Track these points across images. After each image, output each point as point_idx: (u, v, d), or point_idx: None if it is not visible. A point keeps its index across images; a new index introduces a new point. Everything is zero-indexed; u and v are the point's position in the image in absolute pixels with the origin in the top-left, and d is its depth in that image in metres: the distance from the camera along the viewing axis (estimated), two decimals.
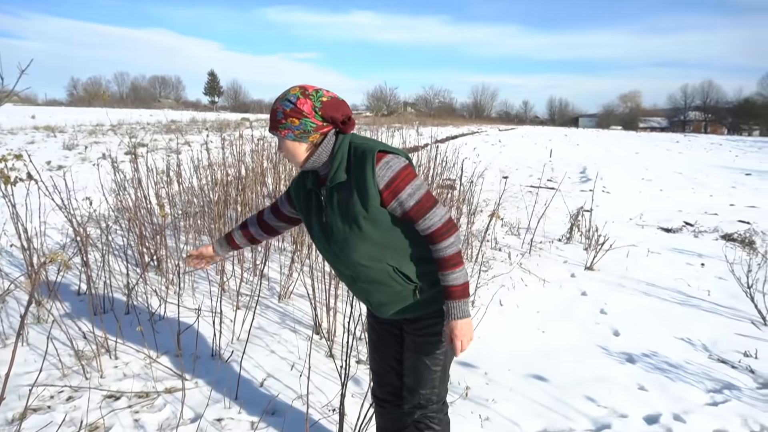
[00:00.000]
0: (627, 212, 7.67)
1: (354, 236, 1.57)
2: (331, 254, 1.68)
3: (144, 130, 19.04)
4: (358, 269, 1.63)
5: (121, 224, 4.46)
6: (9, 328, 3.15)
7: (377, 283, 1.65)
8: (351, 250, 1.60)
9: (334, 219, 1.60)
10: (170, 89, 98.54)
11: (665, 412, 2.64)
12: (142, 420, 2.40)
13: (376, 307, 1.73)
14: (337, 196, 1.57)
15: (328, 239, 1.64)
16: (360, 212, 1.54)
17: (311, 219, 1.68)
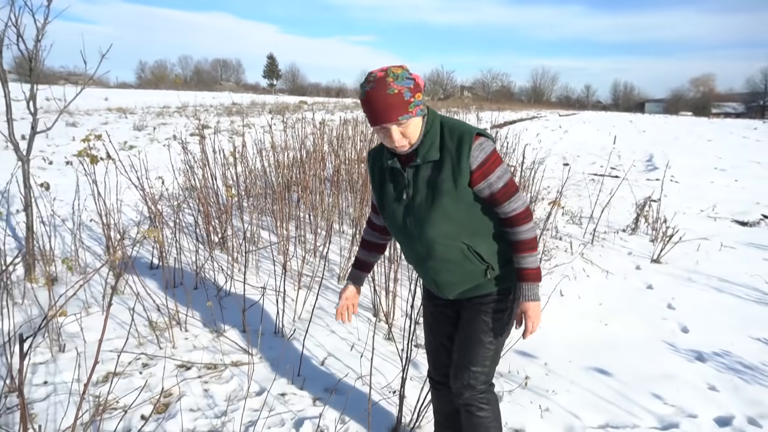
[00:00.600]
0: (698, 203, 7.28)
1: (436, 214, 1.59)
2: (407, 232, 1.67)
3: (207, 112, 19.70)
4: (434, 247, 1.64)
5: (189, 203, 4.67)
6: (91, 297, 3.37)
7: (449, 262, 1.66)
8: (430, 227, 1.61)
9: (417, 196, 1.61)
10: (231, 72, 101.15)
11: (738, 414, 2.53)
12: (211, 390, 2.52)
13: (443, 286, 1.74)
14: (425, 174, 1.59)
15: (406, 216, 1.65)
16: (448, 190, 1.56)
17: (388, 196, 1.68)
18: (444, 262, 1.67)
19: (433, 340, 1.95)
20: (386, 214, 1.72)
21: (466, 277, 1.70)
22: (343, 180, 5.22)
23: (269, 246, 4.15)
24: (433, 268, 1.70)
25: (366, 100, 1.49)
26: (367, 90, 1.48)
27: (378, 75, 1.48)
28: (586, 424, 2.43)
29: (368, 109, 1.50)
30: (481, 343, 1.75)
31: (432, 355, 1.97)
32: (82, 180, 4.88)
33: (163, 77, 69.79)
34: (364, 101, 1.50)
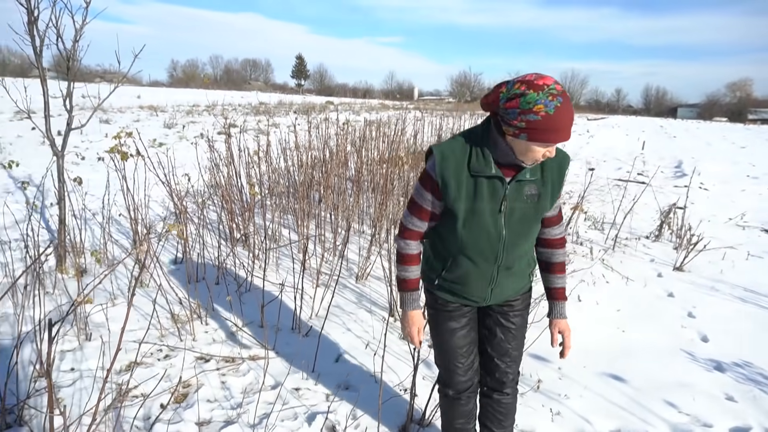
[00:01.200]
0: (727, 211, 7.12)
1: (533, 230, 1.69)
2: (493, 243, 1.64)
3: (236, 111, 20.02)
4: (517, 260, 1.72)
5: (214, 200, 4.78)
6: (117, 289, 3.49)
7: (518, 272, 1.78)
8: (525, 241, 1.70)
9: (516, 211, 1.61)
10: (260, 72, 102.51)
11: (756, 426, 2.49)
12: (228, 382, 2.60)
13: (495, 296, 1.79)
14: (527, 190, 1.61)
15: (500, 229, 1.62)
16: (545, 208, 1.65)
17: (481, 205, 1.58)
18: (514, 273, 1.76)
19: (467, 345, 1.87)
20: (468, 222, 1.61)
21: (519, 284, 1.83)
22: (365, 180, 5.28)
23: (290, 244, 4.23)
24: (503, 278, 1.74)
25: (556, 116, 1.38)
26: (558, 106, 1.38)
27: (558, 88, 1.40)
28: (597, 429, 2.43)
29: (552, 125, 1.39)
30: (520, 346, 1.94)
31: (463, 363, 1.88)
32: (112, 176, 5.04)
33: (193, 76, 71.12)
34: (551, 117, 1.38)
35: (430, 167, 1.61)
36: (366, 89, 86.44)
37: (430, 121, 8.07)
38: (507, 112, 1.44)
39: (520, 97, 1.40)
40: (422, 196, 1.65)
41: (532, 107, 1.38)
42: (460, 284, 1.76)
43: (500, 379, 1.93)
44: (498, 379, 1.93)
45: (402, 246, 1.75)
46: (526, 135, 1.43)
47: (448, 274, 1.75)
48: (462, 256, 1.68)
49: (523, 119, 1.40)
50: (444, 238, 1.71)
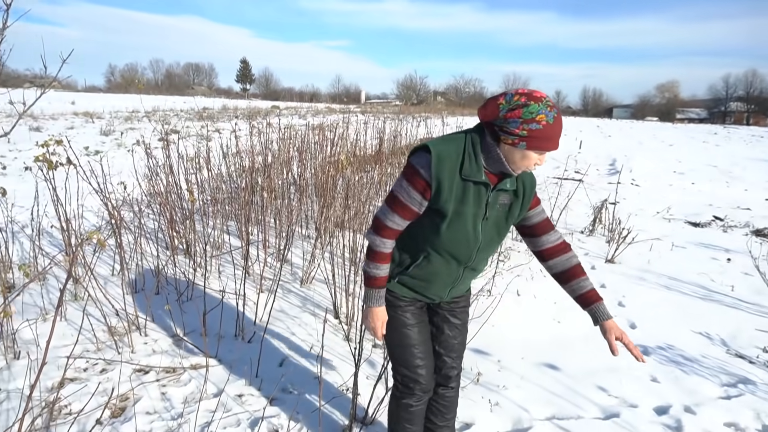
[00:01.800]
0: (655, 205, 7.56)
1: (503, 235, 1.79)
2: (470, 245, 1.70)
3: (177, 117, 19.47)
4: (483, 262, 1.83)
5: (153, 208, 4.66)
6: (49, 303, 3.35)
7: (479, 272, 1.88)
8: (495, 245, 1.80)
9: (492, 216, 1.71)
10: (203, 76, 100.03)
11: (676, 403, 2.67)
12: (168, 393, 2.55)
13: (453, 292, 1.88)
14: (502, 199, 1.70)
15: (478, 233, 1.69)
16: (515, 218, 1.76)
17: (466, 210, 1.64)
18: (476, 273, 1.87)
19: (425, 341, 1.90)
20: (452, 224, 1.65)
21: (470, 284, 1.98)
22: (309, 184, 5.27)
23: (231, 251, 4.18)
24: (466, 277, 1.84)
25: (555, 125, 1.51)
26: (556, 116, 1.51)
27: (551, 102, 1.53)
28: (534, 416, 2.54)
29: (551, 134, 1.52)
30: (467, 333, 2.05)
31: (426, 359, 1.89)
32: (42, 185, 4.82)
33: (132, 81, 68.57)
34: (551, 126, 1.51)
35: (422, 166, 1.60)
36: (313, 93, 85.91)
37: (374, 124, 8.16)
38: (508, 122, 1.52)
39: (523, 108, 1.50)
40: (410, 195, 1.64)
41: (534, 116, 1.49)
42: (424, 281, 1.80)
43: (447, 374, 2.00)
44: (445, 374, 2.00)
45: (378, 243, 1.72)
46: (525, 144, 1.52)
47: (416, 271, 1.77)
48: (437, 255, 1.72)
49: (525, 128, 1.50)
50: (420, 235, 1.72)
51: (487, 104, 1.58)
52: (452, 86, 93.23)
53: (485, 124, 1.62)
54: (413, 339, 1.87)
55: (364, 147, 6.42)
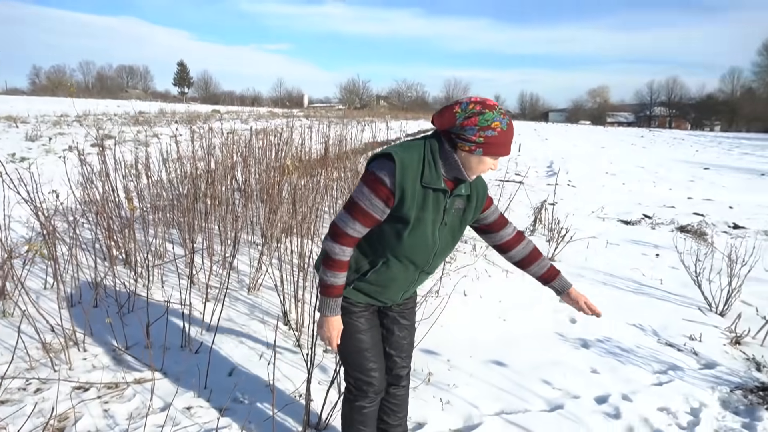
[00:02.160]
0: (590, 205, 7.94)
1: (456, 239, 1.85)
2: (428, 250, 1.76)
3: (111, 122, 18.62)
4: (439, 264, 1.90)
5: (88, 218, 4.45)
6: None
7: (431, 275, 1.93)
8: (450, 249, 1.87)
9: (449, 221, 1.77)
10: (138, 79, 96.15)
11: (614, 392, 2.83)
12: (111, 410, 2.45)
13: (406, 294, 1.93)
14: (457, 204, 1.77)
15: (435, 238, 1.75)
16: (468, 221, 1.84)
17: (426, 216, 1.68)
18: (429, 276, 1.92)
19: (377, 344, 1.94)
20: (413, 230, 1.69)
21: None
22: (254, 190, 5.19)
23: (175, 259, 4.05)
24: (420, 280, 1.90)
25: (508, 131, 1.61)
26: (509, 123, 1.61)
27: (502, 109, 1.62)
28: (483, 412, 2.61)
29: (505, 140, 1.61)
30: (414, 332, 2.12)
31: (378, 363, 1.93)
32: None
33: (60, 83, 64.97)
34: (506, 132, 1.60)
35: (385, 174, 1.61)
36: (254, 97, 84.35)
37: (318, 128, 8.13)
38: (465, 130, 1.59)
39: (479, 116, 1.58)
40: (372, 203, 1.64)
41: (490, 124, 1.57)
42: (381, 287, 1.82)
43: (398, 374, 2.05)
44: (396, 374, 2.05)
45: (337, 251, 1.70)
46: (482, 150, 1.60)
47: (374, 277, 1.79)
48: (396, 261, 1.75)
49: (482, 135, 1.58)
50: (380, 242, 1.73)
51: (443, 113, 1.64)
52: (395, 90, 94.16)
53: (442, 132, 1.67)
54: (366, 343, 1.89)
55: (309, 152, 6.39)
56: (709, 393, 2.86)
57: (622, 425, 2.56)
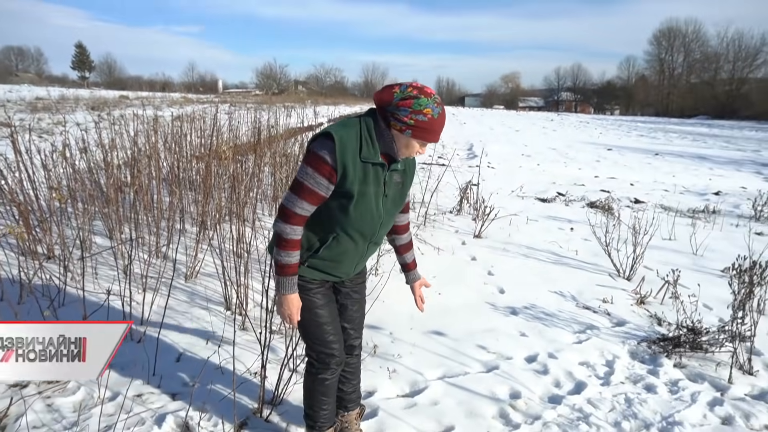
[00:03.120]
0: (509, 185, 8.41)
1: (398, 210, 1.98)
2: (374, 223, 1.85)
3: (4, 108, 17.06)
4: (382, 237, 2.01)
5: (1, 211, 4.17)
6: None
7: (379, 245, 2.06)
8: (393, 219, 1.98)
9: (391, 194, 1.88)
10: (30, 62, 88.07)
11: (542, 352, 3.12)
12: (56, 404, 2.39)
13: (358, 268, 2.04)
14: (396, 177, 1.88)
15: (380, 210, 1.84)
16: (406, 194, 1.99)
17: (368, 190, 1.78)
18: (377, 247, 2.02)
19: (335, 319, 2.02)
20: (358, 204, 1.77)
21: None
22: (183, 178, 5.06)
23: (105, 251, 3.91)
24: (370, 252, 2.00)
25: (438, 120, 1.72)
26: (441, 112, 1.72)
27: (439, 99, 1.74)
28: (428, 378, 2.81)
29: (434, 127, 1.72)
30: (365, 304, 2.24)
31: (337, 335, 2.02)
32: None
33: None
34: (435, 120, 1.71)
35: (326, 152, 1.69)
36: (164, 82, 79.97)
37: (240, 114, 7.98)
38: (399, 110, 1.69)
39: (414, 99, 1.68)
40: (316, 181, 1.70)
41: (422, 109, 1.68)
42: (334, 262, 1.90)
43: (351, 344, 2.18)
44: (350, 344, 2.17)
45: (288, 231, 1.76)
46: (411, 132, 1.71)
47: (326, 252, 1.86)
48: (345, 235, 1.84)
49: (413, 118, 1.68)
50: (328, 218, 1.81)
51: (384, 90, 1.76)
52: (313, 75, 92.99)
53: (379, 109, 1.78)
54: (325, 318, 1.98)
55: (236, 137, 6.29)
56: (621, 347, 3.23)
57: (550, 380, 2.85)
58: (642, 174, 10.83)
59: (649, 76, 77.43)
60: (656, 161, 13.50)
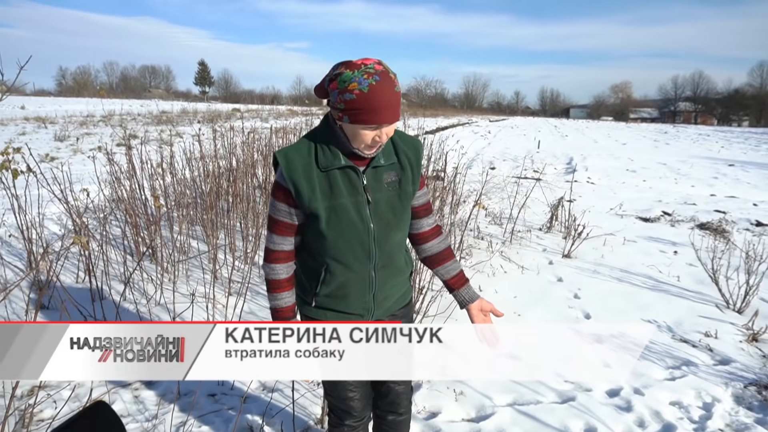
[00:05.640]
0: (608, 202, 7.90)
1: (401, 218, 1.57)
2: (366, 240, 1.52)
3: (135, 121, 19.05)
4: (392, 254, 1.60)
5: (116, 215, 4.63)
6: (12, 313, 3.31)
7: (397, 269, 1.64)
8: (397, 231, 1.57)
9: (381, 200, 1.52)
10: (160, 79, 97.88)
11: (626, 386, 2.88)
12: (141, 396, 2.59)
13: (381, 302, 1.64)
14: (385, 176, 1.52)
15: (366, 221, 1.51)
16: (410, 195, 1.56)
17: (342, 201, 1.48)
18: (393, 271, 1.63)
19: None
20: (332, 221, 1.49)
21: (402, 285, 1.69)
22: None
23: (199, 255, 4.20)
24: (382, 280, 1.61)
25: (371, 94, 1.31)
26: (373, 84, 1.31)
27: (378, 68, 1.34)
28: (496, 403, 2.69)
29: (368, 105, 1.32)
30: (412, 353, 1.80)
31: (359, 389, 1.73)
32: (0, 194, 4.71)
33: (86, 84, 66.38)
34: (367, 95, 1.31)
35: (278, 176, 1.49)
36: (274, 95, 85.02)
37: None
38: (331, 95, 1.39)
39: (338, 77, 1.34)
40: (277, 208, 1.52)
41: (347, 86, 1.32)
42: (340, 298, 1.60)
43: (393, 400, 1.82)
44: (391, 401, 1.82)
45: (268, 272, 1.58)
46: (348, 117, 1.36)
47: (324, 289, 1.59)
48: (334, 262, 1.54)
49: (342, 99, 1.34)
50: (312, 250, 1.58)
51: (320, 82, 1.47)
52: (414, 88, 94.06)
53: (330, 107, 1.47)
54: None
55: None
56: (723, 389, 2.89)
57: (633, 417, 2.61)
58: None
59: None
60: None
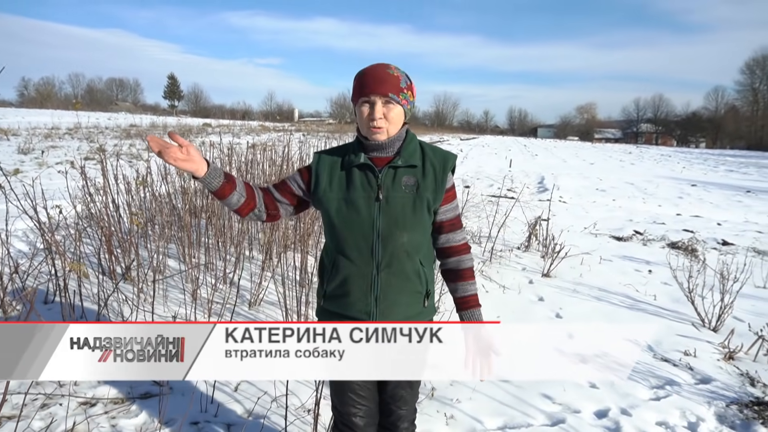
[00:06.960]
0: (582, 221, 8.05)
1: (415, 218, 1.61)
2: (369, 231, 1.59)
3: (103, 135, 18.58)
4: (397, 255, 1.61)
5: (88, 232, 4.46)
6: None
7: (404, 276, 1.64)
8: (403, 231, 1.60)
9: (395, 198, 1.59)
10: (128, 92, 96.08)
11: (613, 407, 2.88)
12: (119, 425, 2.46)
13: (385, 308, 1.64)
14: (404, 178, 1.61)
15: (373, 215, 1.58)
16: (428, 198, 1.61)
17: (355, 194, 1.60)
18: (398, 277, 1.63)
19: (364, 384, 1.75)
20: (341, 212, 1.61)
21: (410, 298, 1.67)
22: None
23: (177, 274, 4.07)
24: (385, 283, 1.62)
25: (362, 73, 1.58)
26: (367, 67, 1.59)
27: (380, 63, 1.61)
28: (487, 427, 2.66)
29: (362, 80, 1.57)
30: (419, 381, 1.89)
31: (364, 405, 1.75)
32: None
33: (49, 95, 64.67)
34: (359, 76, 1.58)
35: (311, 164, 1.73)
36: (245, 110, 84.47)
37: (315, 144, 8.21)
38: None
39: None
40: (292, 176, 1.73)
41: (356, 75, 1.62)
42: (341, 296, 1.66)
43: (395, 422, 1.84)
44: (393, 422, 1.85)
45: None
46: (352, 103, 1.64)
47: (331, 284, 1.67)
48: (340, 256, 1.63)
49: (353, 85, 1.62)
50: (327, 246, 1.71)
51: None
52: None
53: None
54: (352, 383, 1.72)
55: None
56: (706, 408, 2.93)
57: None
58: (731, 213, 10.05)
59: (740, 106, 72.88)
60: (748, 199, 12.51)
